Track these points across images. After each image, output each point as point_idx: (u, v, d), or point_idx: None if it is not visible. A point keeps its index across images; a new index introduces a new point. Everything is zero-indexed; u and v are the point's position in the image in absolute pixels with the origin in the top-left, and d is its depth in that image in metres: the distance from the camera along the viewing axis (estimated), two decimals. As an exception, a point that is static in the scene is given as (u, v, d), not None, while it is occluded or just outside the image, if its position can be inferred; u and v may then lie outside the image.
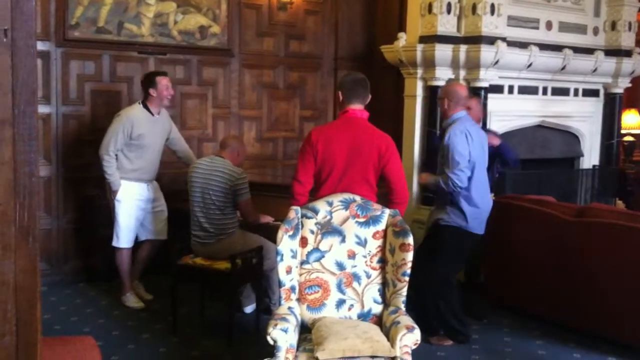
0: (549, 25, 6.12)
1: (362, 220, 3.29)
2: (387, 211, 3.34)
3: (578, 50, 6.18)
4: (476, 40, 5.44)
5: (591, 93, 6.65)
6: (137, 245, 4.98)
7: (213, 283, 4.49)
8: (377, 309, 3.26)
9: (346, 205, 3.31)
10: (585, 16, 6.41)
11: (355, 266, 3.27)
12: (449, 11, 5.52)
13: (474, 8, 5.47)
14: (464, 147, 4.11)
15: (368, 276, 3.27)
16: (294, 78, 6.42)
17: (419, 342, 2.97)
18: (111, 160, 4.67)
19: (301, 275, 3.26)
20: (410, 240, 3.15)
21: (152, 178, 4.93)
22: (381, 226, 3.29)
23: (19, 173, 1.37)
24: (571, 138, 6.66)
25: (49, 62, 5.18)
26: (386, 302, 3.25)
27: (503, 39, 5.49)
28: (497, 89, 5.79)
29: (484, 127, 5.23)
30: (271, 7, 6.18)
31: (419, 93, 5.74)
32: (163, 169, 5.25)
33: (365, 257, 3.28)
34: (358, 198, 3.34)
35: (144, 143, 4.74)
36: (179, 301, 4.42)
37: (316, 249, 3.27)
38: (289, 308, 3.12)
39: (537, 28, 6.05)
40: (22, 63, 1.36)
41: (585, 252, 4.38)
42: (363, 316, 3.25)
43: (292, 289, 3.19)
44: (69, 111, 5.31)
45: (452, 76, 5.62)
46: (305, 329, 3.20)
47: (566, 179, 6.51)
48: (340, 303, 3.25)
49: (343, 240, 3.28)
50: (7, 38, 1.33)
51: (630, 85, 6.82)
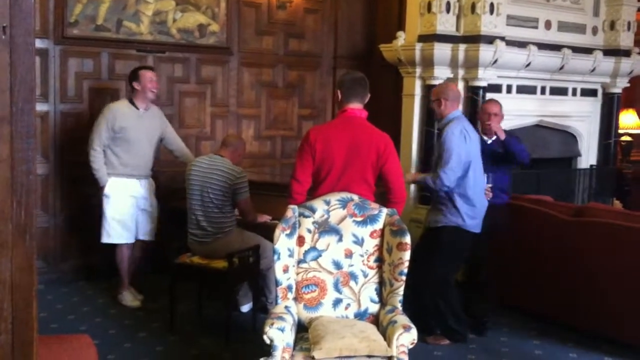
0: (548, 24, 6.12)
1: (360, 219, 3.29)
2: (385, 210, 3.33)
3: (577, 49, 6.18)
4: (475, 39, 5.44)
5: (589, 93, 6.65)
6: None
7: (210, 282, 4.48)
8: (374, 308, 3.26)
9: (344, 204, 3.31)
10: (584, 16, 6.42)
11: (352, 265, 3.27)
12: (448, 10, 5.52)
13: (473, 7, 5.47)
14: (461, 147, 4.10)
15: (365, 275, 3.27)
16: (293, 77, 6.41)
17: (416, 342, 2.97)
18: (96, 155, 4.67)
19: (298, 274, 3.26)
20: (407, 239, 3.15)
21: (146, 175, 4.90)
22: (378, 225, 3.29)
23: (17, 171, 1.36)
24: (569, 138, 6.66)
25: (48, 60, 5.17)
26: (383, 302, 3.25)
27: (502, 39, 5.49)
28: (496, 89, 5.79)
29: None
30: (270, 6, 6.17)
31: (418, 92, 5.75)
32: (161, 167, 5.24)
33: (362, 256, 3.28)
34: (356, 197, 3.34)
35: (128, 137, 4.71)
36: (176, 300, 4.41)
37: (313, 248, 3.27)
38: (286, 307, 3.12)
39: (536, 27, 6.05)
40: (21, 60, 1.35)
41: (582, 252, 4.39)
42: (360, 315, 3.25)
43: (289, 288, 3.19)
44: (67, 109, 5.30)
45: (451, 75, 5.62)
46: (302, 328, 3.20)
47: (564, 179, 6.51)
48: (337, 302, 3.25)
49: (340, 239, 3.28)
50: (6, 35, 1.33)
51: (628, 85, 6.83)
